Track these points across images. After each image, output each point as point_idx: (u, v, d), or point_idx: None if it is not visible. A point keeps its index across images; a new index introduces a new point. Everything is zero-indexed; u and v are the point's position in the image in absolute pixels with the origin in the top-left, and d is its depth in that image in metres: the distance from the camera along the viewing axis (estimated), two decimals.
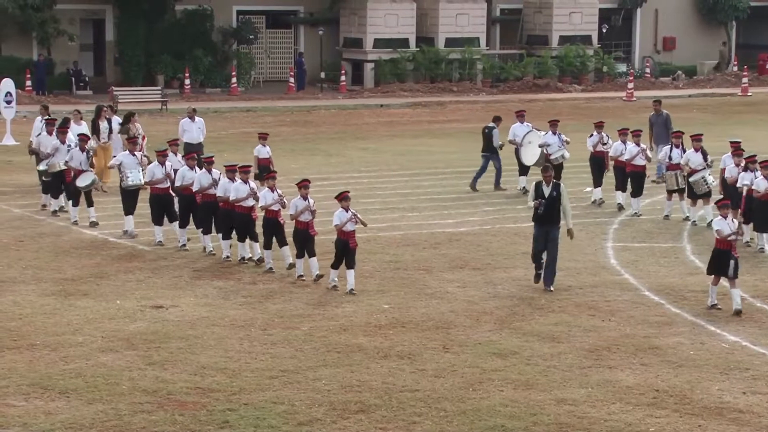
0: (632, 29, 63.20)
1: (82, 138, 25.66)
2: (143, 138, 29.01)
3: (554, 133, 28.58)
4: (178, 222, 23.12)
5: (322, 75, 54.67)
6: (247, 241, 21.85)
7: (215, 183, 22.13)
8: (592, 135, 28.19)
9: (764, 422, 14.39)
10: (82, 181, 24.88)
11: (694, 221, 25.68)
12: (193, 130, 29.92)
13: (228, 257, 21.97)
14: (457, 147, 37.88)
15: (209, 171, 22.47)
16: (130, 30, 52.41)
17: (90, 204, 25.12)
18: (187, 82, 51.83)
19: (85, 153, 25.10)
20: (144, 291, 20.02)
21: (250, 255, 21.82)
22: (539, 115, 47.48)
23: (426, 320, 18.52)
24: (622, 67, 59.82)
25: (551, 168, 21.06)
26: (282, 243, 21.12)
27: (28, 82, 49.47)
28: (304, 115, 47.06)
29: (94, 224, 24.92)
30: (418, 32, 55.87)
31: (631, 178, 26.89)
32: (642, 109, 49.40)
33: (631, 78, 55.00)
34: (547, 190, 20.37)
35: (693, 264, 22.48)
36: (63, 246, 23.32)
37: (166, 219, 23.33)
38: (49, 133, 27.28)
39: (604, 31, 59.91)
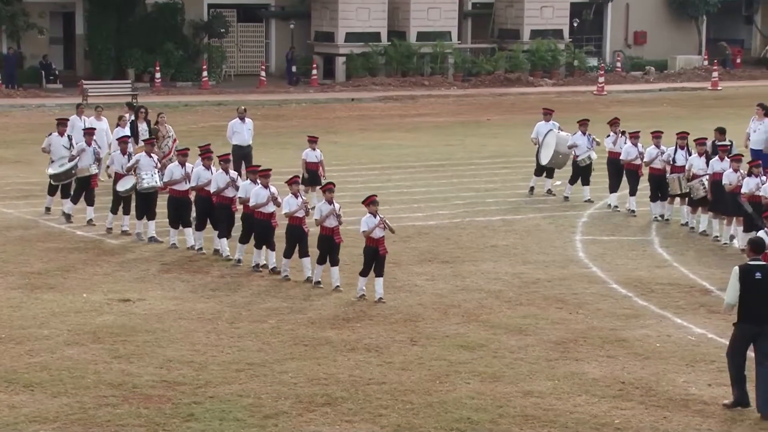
0: (603, 23, 63.36)
1: (124, 140, 24.26)
2: (174, 141, 27.95)
3: (584, 134, 27.42)
4: (195, 225, 22.29)
5: (294, 69, 54.57)
6: (258, 248, 20.97)
7: (233, 183, 21.46)
8: (609, 135, 26.98)
9: (729, 414, 14.44)
10: (122, 186, 23.41)
11: (726, 242, 23.41)
12: (243, 132, 28.32)
13: (239, 261, 21.28)
14: (428, 141, 37.91)
15: (226, 171, 21.63)
16: (101, 23, 52.21)
17: (90, 203, 24.54)
18: (158, 75, 51.67)
19: (126, 156, 23.65)
20: (111, 284, 19.93)
21: (265, 263, 20.93)
22: (510, 108, 47.75)
23: (394, 313, 18.52)
24: (593, 62, 59.94)
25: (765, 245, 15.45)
26: (304, 253, 20.32)
27: None
28: (275, 109, 46.97)
29: (69, 218, 24.55)
30: (389, 26, 55.86)
31: (651, 181, 25.46)
32: (613, 103, 49.64)
33: (602, 72, 55.11)
34: (759, 275, 14.49)
35: (661, 257, 22.55)
36: (30, 239, 23.19)
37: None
38: (60, 133, 25.49)
39: (576, 25, 60.05)
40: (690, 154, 24.72)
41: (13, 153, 34.06)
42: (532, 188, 28.62)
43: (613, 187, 26.80)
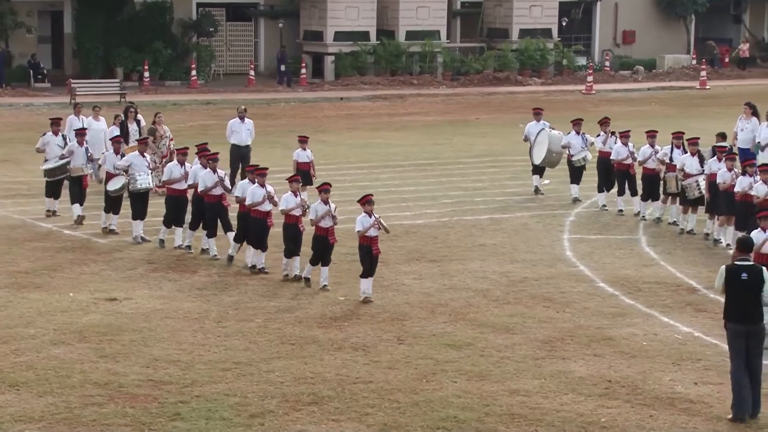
0: (592, 22, 63.41)
1: (117, 140, 24.35)
2: (171, 140, 27.75)
3: (577, 134, 27.17)
4: (189, 224, 22.18)
5: (282, 68, 54.54)
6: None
7: (221, 182, 21.48)
8: (599, 134, 26.76)
9: (714, 412, 14.47)
10: (112, 185, 23.34)
11: (719, 240, 23.35)
12: (242, 132, 28.03)
13: (231, 258, 21.23)
14: (416, 140, 37.89)
15: (214, 170, 21.53)
16: (89, 22, 52.09)
17: (80, 202, 24.34)
18: (147, 74, 51.58)
19: (119, 156, 23.61)
20: (98, 283, 19.90)
21: (254, 263, 20.83)
22: (499, 108, 47.75)
23: (381, 312, 18.51)
24: (581, 61, 59.99)
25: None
26: (296, 252, 20.33)
27: None
28: (263, 108, 46.87)
29: (80, 219, 24.23)
30: (378, 25, 55.82)
31: (644, 181, 25.33)
32: (601, 102, 49.67)
33: (591, 71, 55.16)
34: (745, 276, 14.37)
35: (648, 256, 22.57)
36: (17, 238, 23.14)
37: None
38: (55, 133, 25.50)
39: (564, 24, 60.06)
40: (686, 153, 24.61)
41: (1, 152, 33.98)
42: (536, 187, 28.45)
43: (602, 187, 26.74)
